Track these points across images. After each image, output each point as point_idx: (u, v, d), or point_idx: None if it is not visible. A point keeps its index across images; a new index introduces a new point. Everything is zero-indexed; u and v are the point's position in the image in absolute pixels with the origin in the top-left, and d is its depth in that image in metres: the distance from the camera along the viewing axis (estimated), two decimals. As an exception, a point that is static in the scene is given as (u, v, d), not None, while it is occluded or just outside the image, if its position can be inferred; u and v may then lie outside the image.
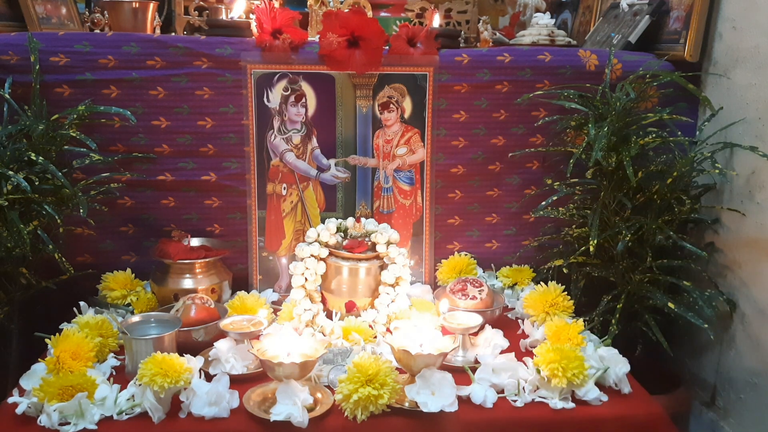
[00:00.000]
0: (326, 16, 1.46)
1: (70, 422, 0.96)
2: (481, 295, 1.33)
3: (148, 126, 1.44)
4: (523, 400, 1.07)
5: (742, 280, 1.40)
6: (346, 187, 1.52)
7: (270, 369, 1.02)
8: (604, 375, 1.11)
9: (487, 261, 1.58)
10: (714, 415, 1.50)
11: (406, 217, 1.54)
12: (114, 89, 1.41)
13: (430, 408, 1.00)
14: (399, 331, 1.13)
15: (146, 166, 1.46)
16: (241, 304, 1.33)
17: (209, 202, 1.50)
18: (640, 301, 1.39)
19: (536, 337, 1.25)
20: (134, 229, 1.50)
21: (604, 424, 1.05)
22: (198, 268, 1.36)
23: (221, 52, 1.43)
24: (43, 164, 1.24)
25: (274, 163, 1.49)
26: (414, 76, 1.49)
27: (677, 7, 1.56)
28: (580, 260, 1.42)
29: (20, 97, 1.35)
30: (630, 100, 1.37)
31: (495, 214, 1.59)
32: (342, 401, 1.01)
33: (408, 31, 1.49)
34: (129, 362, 1.12)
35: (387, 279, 1.26)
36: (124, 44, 1.41)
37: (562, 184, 1.44)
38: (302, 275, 1.25)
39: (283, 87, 1.46)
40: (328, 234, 1.26)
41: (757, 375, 1.37)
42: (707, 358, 1.52)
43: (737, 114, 1.41)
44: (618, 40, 1.61)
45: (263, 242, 1.50)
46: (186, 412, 1.01)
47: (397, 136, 1.52)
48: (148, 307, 1.33)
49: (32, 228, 1.24)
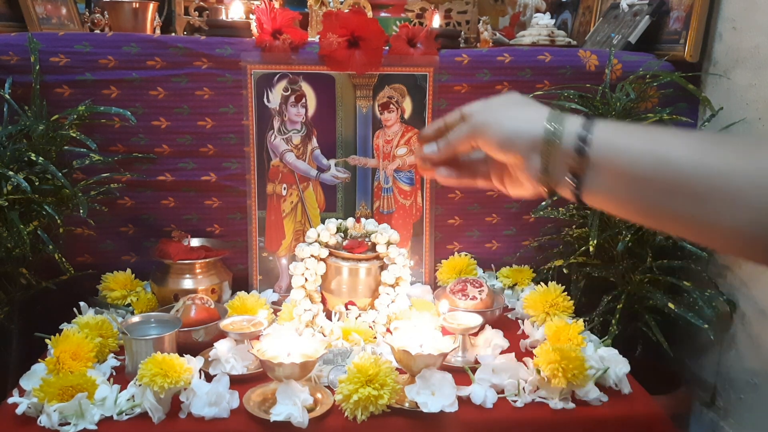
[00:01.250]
0: (326, 17, 1.46)
1: (70, 422, 0.96)
2: (481, 295, 1.33)
3: (148, 126, 1.44)
4: (523, 400, 1.07)
5: (742, 280, 1.40)
6: (346, 187, 1.52)
7: (270, 369, 1.02)
8: (604, 375, 1.11)
9: (487, 261, 1.58)
10: (714, 415, 1.50)
11: (406, 217, 1.54)
12: (114, 89, 1.41)
13: (430, 408, 1.00)
14: (399, 332, 1.13)
15: (146, 167, 1.46)
16: (241, 304, 1.33)
17: (209, 203, 1.50)
18: (640, 301, 1.39)
19: (536, 337, 1.25)
20: (134, 229, 1.50)
21: (604, 424, 1.05)
22: (198, 269, 1.36)
23: (221, 52, 1.43)
24: (43, 164, 1.24)
25: (274, 164, 1.49)
26: (414, 77, 1.49)
27: (677, 7, 1.56)
28: (580, 260, 1.42)
29: (20, 97, 1.35)
30: (630, 101, 1.37)
31: (495, 215, 1.59)
32: (342, 401, 1.01)
33: (408, 32, 1.49)
34: (129, 362, 1.11)
35: (387, 279, 1.26)
36: (124, 44, 1.41)
37: (563, 184, 1.44)
38: (302, 275, 1.25)
39: (283, 87, 1.46)
40: (328, 234, 1.26)
41: (757, 375, 1.37)
42: (707, 358, 1.52)
43: (737, 114, 1.41)
44: (618, 41, 1.61)
45: (263, 242, 1.50)
46: (186, 413, 1.00)
47: (397, 137, 1.52)
48: (148, 307, 1.33)
49: (32, 228, 1.24)
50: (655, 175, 0.50)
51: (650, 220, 0.54)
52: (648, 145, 0.51)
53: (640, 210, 0.53)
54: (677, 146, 0.50)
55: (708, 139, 0.50)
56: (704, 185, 0.48)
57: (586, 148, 0.54)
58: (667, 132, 0.53)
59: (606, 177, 0.54)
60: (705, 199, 0.48)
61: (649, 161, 0.51)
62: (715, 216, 0.47)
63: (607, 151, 0.54)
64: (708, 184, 0.47)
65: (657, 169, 0.50)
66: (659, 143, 0.51)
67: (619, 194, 0.54)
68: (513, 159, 0.61)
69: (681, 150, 0.50)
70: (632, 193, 0.53)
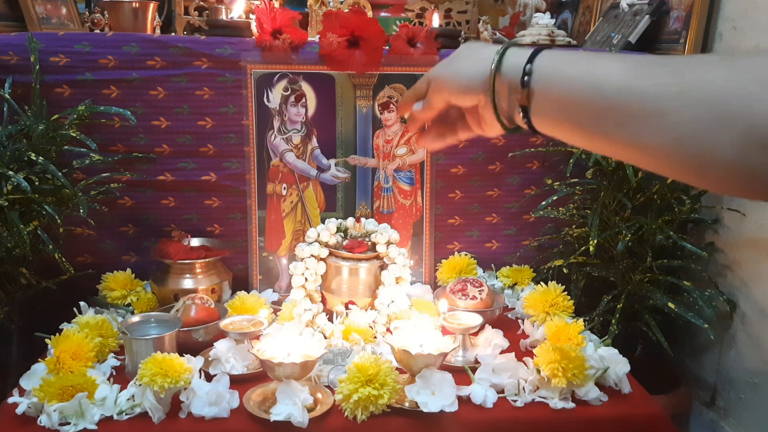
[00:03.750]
0: (326, 16, 1.46)
1: (70, 422, 0.96)
2: (481, 295, 1.33)
3: (148, 126, 1.44)
4: (523, 400, 1.07)
5: (742, 280, 1.40)
6: (346, 187, 1.52)
7: (270, 369, 1.02)
8: (604, 375, 1.11)
9: (487, 261, 1.58)
10: (714, 415, 1.50)
11: (406, 217, 1.54)
12: (114, 89, 1.41)
13: (430, 408, 1.00)
14: (399, 331, 1.13)
15: (146, 166, 1.46)
16: (241, 304, 1.33)
17: (209, 202, 1.50)
18: (640, 301, 1.39)
19: (536, 337, 1.25)
20: (134, 229, 1.50)
21: (604, 424, 1.05)
22: (198, 268, 1.36)
23: (221, 52, 1.43)
24: (43, 164, 1.24)
25: (274, 163, 1.49)
26: (414, 76, 1.49)
27: (677, 7, 1.56)
28: (580, 260, 1.42)
29: (20, 97, 1.35)
30: (630, 100, 1.37)
31: (495, 214, 1.59)
32: (342, 401, 1.01)
33: (408, 31, 1.49)
34: (129, 362, 1.11)
35: (387, 279, 1.26)
36: (124, 44, 1.41)
37: (562, 184, 1.44)
38: (302, 275, 1.25)
39: (283, 87, 1.46)
40: (328, 234, 1.26)
41: (757, 375, 1.37)
42: (707, 358, 1.52)
43: (737, 114, 1.41)
44: (618, 40, 1.61)
45: (263, 242, 1.50)
46: (186, 412, 1.00)
47: (397, 136, 1.52)
48: (148, 307, 1.33)
49: (32, 228, 1.24)
50: (587, 99, 0.52)
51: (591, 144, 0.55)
52: (584, 70, 0.53)
53: (581, 135, 0.55)
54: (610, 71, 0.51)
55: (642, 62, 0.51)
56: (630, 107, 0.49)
57: (528, 78, 0.56)
58: (606, 57, 0.54)
59: (546, 104, 0.56)
60: (631, 120, 0.49)
61: (583, 87, 0.52)
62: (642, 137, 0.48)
63: (548, 80, 0.56)
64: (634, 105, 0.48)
65: (588, 95, 0.52)
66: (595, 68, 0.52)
67: (560, 120, 0.56)
68: (476, 100, 0.64)
69: (613, 74, 0.51)
70: (570, 118, 0.55)
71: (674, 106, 0.46)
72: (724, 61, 0.46)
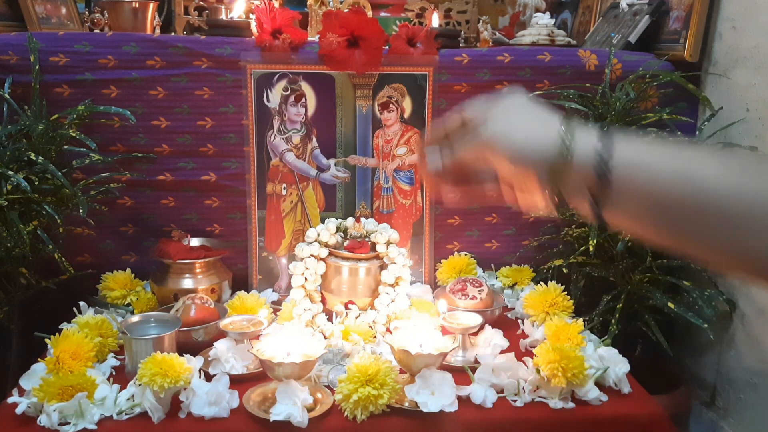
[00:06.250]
0: (326, 16, 1.46)
1: (70, 422, 0.96)
2: (480, 295, 1.33)
3: (148, 126, 1.44)
4: (523, 400, 1.07)
5: (742, 280, 1.40)
6: (346, 187, 1.52)
7: (270, 369, 1.02)
8: (604, 375, 1.11)
9: (487, 261, 1.58)
10: (714, 415, 1.50)
11: (406, 217, 1.54)
12: (114, 89, 1.41)
13: (430, 408, 1.00)
14: (399, 331, 1.13)
15: (146, 166, 1.46)
16: (241, 304, 1.33)
17: (209, 202, 1.50)
18: (639, 300, 1.39)
19: (536, 337, 1.25)
20: (134, 229, 1.50)
21: (604, 424, 1.05)
22: (198, 268, 1.36)
23: (221, 52, 1.43)
24: (43, 164, 1.24)
25: (274, 163, 1.49)
26: (414, 76, 1.49)
27: (677, 7, 1.56)
28: (580, 260, 1.42)
29: (20, 97, 1.35)
30: (630, 100, 1.37)
31: (495, 214, 1.59)
32: (342, 401, 1.01)
33: (408, 31, 1.49)
34: (129, 362, 1.11)
35: (387, 279, 1.26)
36: (124, 44, 1.41)
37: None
38: (302, 275, 1.25)
39: (283, 87, 1.46)
40: (328, 234, 1.26)
41: (757, 375, 1.37)
42: (707, 358, 1.52)
43: (737, 114, 1.41)
44: (618, 40, 1.61)
45: (263, 242, 1.50)
46: (186, 412, 1.00)
47: (396, 136, 1.52)
48: (148, 307, 1.33)
49: (32, 228, 1.24)
50: (683, 197, 0.47)
51: (676, 242, 0.51)
52: (674, 164, 0.48)
53: (666, 232, 0.51)
54: (706, 167, 0.47)
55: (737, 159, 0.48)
56: (738, 209, 0.45)
57: (608, 168, 0.50)
58: (692, 149, 0.50)
59: (629, 198, 0.50)
60: (739, 224, 0.45)
61: (677, 183, 0.48)
62: (749, 242, 0.45)
63: (631, 172, 0.50)
64: (742, 208, 0.45)
65: (686, 192, 0.47)
66: (686, 162, 0.48)
67: (643, 216, 0.51)
68: (525, 173, 0.55)
69: (711, 171, 0.47)
70: (657, 215, 0.50)
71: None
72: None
